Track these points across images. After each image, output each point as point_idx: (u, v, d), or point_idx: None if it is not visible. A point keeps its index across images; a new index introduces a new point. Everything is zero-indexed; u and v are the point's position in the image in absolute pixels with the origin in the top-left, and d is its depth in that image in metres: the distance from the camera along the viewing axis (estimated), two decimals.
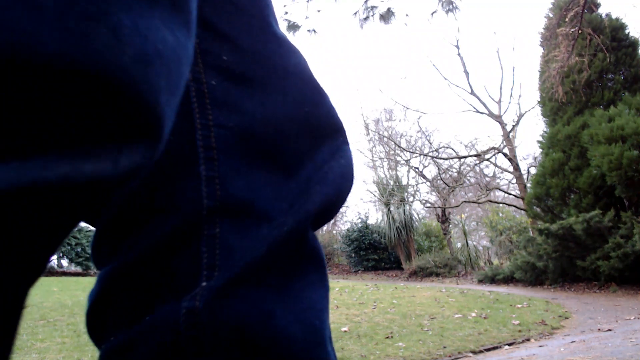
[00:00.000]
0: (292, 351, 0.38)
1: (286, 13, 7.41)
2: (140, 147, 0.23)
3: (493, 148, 14.73)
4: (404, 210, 14.84)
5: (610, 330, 4.18)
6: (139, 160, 0.23)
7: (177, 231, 0.38)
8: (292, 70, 0.45)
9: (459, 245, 15.25)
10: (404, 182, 17.04)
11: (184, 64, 0.26)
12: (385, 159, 17.37)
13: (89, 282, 9.61)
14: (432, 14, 7.45)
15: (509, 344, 3.97)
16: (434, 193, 18.91)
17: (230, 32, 0.43)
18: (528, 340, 4.17)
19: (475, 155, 15.51)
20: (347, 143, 0.50)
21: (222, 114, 0.40)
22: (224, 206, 0.39)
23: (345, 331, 4.28)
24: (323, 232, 22.25)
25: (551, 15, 10.02)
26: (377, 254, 15.62)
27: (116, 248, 0.40)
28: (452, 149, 16.46)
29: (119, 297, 0.39)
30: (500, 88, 15.46)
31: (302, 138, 0.45)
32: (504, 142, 14.67)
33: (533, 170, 14.18)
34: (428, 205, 18.03)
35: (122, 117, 0.22)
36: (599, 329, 4.32)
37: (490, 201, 15.60)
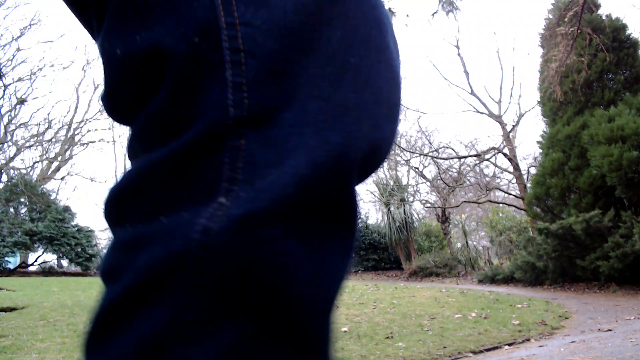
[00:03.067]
0: (296, 311, 0.35)
1: None
2: None
3: (493, 148, 14.73)
4: (404, 210, 14.84)
5: (610, 330, 4.18)
6: None
7: (201, 138, 0.35)
8: None
9: (459, 245, 15.25)
10: (404, 182, 17.05)
11: None
12: None
13: (89, 282, 9.60)
14: (433, 14, 7.46)
15: (509, 344, 3.97)
16: (434, 193, 18.92)
17: None
18: (528, 340, 4.17)
19: (475, 155, 15.51)
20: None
21: (249, 9, 0.36)
22: (251, 116, 0.35)
23: (345, 331, 4.28)
24: None
25: (551, 16, 10.02)
26: (377, 254, 15.62)
27: (145, 149, 0.39)
28: (452, 149, 16.48)
29: (140, 192, 0.38)
30: (500, 88, 15.49)
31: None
32: (504, 142, 14.67)
33: (533, 170, 14.18)
34: (428, 205, 18.03)
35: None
36: (599, 329, 4.32)
37: (490, 201, 15.60)
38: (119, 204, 0.39)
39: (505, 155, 14.45)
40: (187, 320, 0.32)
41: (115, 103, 0.42)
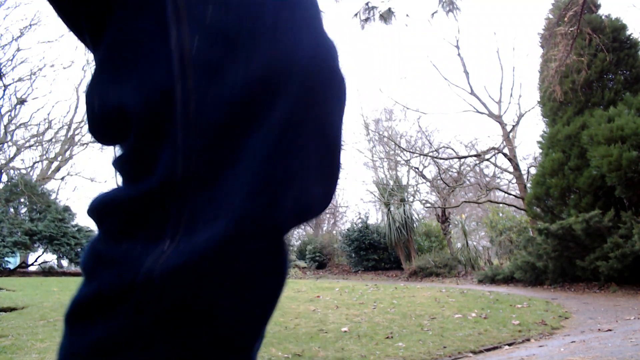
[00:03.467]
0: (222, 343, 0.42)
1: None
2: None
3: (493, 148, 14.73)
4: (404, 210, 14.84)
5: (610, 330, 4.18)
6: None
7: (156, 189, 0.41)
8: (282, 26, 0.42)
9: (459, 245, 15.25)
10: (404, 182, 17.05)
11: None
12: (385, 159, 17.37)
13: None
14: (433, 14, 7.46)
15: (509, 344, 3.97)
16: (434, 193, 18.92)
17: None
18: (528, 340, 4.17)
19: (475, 155, 15.51)
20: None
21: (203, 80, 0.40)
22: (196, 177, 0.40)
23: (345, 331, 4.28)
24: (323, 232, 22.24)
25: (551, 16, 10.02)
26: (377, 254, 15.63)
27: (122, 176, 0.46)
28: (452, 149, 16.47)
29: (112, 215, 0.45)
30: (500, 88, 15.47)
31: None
32: (504, 142, 14.67)
33: (533, 170, 14.18)
34: (428, 205, 18.03)
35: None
36: (599, 329, 4.32)
37: (490, 201, 15.60)
38: (98, 217, 0.47)
39: (505, 155, 14.45)
40: (131, 335, 0.41)
41: (98, 138, 0.49)
